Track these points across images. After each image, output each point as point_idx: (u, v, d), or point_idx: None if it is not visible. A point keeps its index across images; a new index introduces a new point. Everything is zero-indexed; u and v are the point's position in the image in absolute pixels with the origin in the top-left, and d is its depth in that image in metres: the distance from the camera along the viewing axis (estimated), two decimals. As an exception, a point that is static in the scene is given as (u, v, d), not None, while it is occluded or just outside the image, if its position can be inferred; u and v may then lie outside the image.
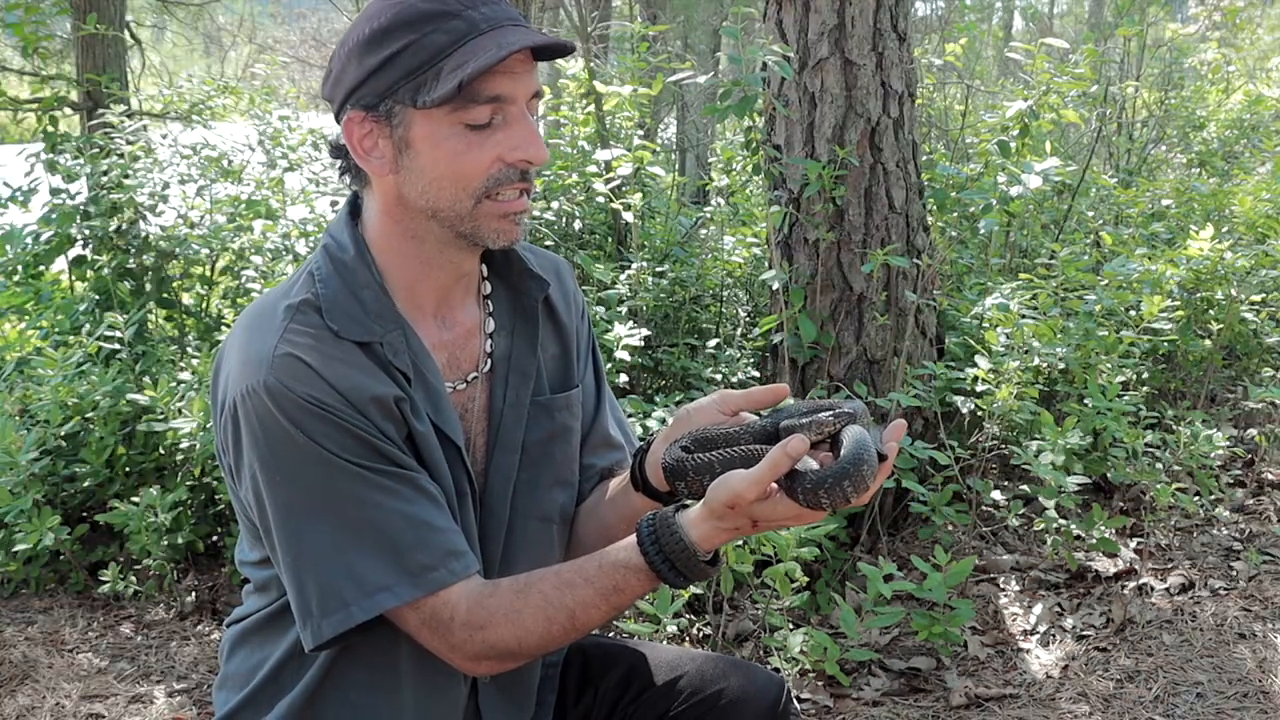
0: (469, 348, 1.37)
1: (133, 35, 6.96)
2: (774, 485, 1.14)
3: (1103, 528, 2.86)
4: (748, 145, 3.23)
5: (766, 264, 3.63)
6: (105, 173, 4.03)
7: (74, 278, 4.27)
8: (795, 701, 1.49)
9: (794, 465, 1.12)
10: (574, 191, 4.24)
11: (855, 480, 1.09)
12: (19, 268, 4.22)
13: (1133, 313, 3.40)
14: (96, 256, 4.06)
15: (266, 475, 1.20)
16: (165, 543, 2.94)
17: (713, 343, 3.63)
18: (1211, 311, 3.94)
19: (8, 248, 4.23)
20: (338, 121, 1.27)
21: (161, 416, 3.03)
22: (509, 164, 1.21)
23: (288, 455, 1.18)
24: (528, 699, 1.44)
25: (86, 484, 3.15)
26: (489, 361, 1.38)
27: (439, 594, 1.21)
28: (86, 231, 4.01)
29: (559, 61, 4.63)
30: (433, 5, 1.19)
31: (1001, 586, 2.98)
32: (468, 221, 1.24)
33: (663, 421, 2.90)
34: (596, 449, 1.50)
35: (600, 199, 4.25)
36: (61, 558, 3.13)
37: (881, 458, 1.13)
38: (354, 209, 1.34)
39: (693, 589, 2.56)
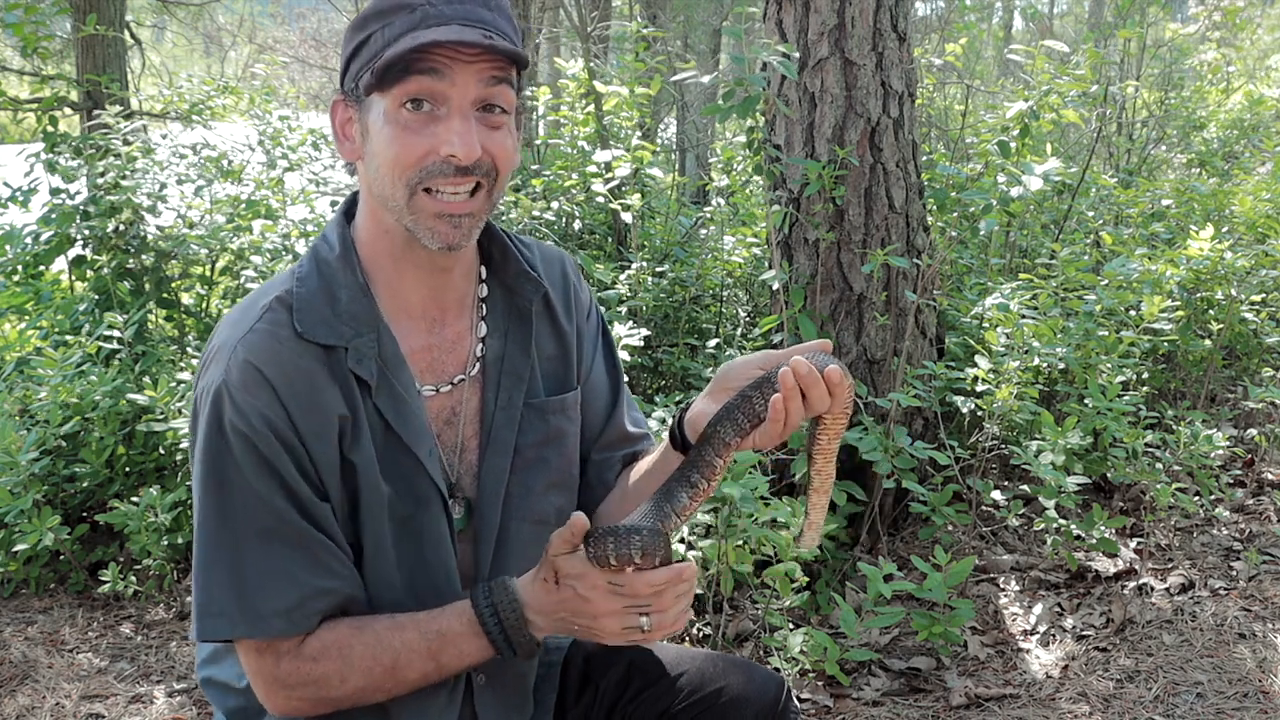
0: (458, 349, 1.36)
1: (133, 35, 6.96)
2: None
3: (1103, 528, 2.86)
4: (748, 145, 3.23)
5: (766, 264, 3.63)
6: (102, 174, 4.03)
7: (74, 278, 4.27)
8: (795, 700, 1.48)
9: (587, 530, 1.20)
10: (574, 191, 4.24)
11: (620, 543, 1.17)
12: (19, 268, 4.22)
13: (1133, 313, 3.40)
14: (96, 256, 4.07)
15: (196, 468, 1.23)
16: (165, 543, 2.94)
17: (713, 343, 3.63)
18: (1211, 311, 3.94)
19: (8, 248, 4.23)
20: None
21: (161, 416, 3.04)
22: (441, 158, 1.21)
23: (214, 457, 1.20)
24: (525, 698, 1.43)
25: (86, 484, 3.15)
26: (478, 364, 1.37)
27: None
28: (86, 232, 4.01)
29: (559, 61, 4.65)
30: None
31: (1001, 586, 2.98)
32: (406, 215, 1.24)
33: (662, 422, 2.90)
34: (616, 444, 1.50)
35: (600, 199, 4.25)
36: (61, 558, 3.13)
37: (666, 541, 1.19)
38: (349, 210, 1.35)
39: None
